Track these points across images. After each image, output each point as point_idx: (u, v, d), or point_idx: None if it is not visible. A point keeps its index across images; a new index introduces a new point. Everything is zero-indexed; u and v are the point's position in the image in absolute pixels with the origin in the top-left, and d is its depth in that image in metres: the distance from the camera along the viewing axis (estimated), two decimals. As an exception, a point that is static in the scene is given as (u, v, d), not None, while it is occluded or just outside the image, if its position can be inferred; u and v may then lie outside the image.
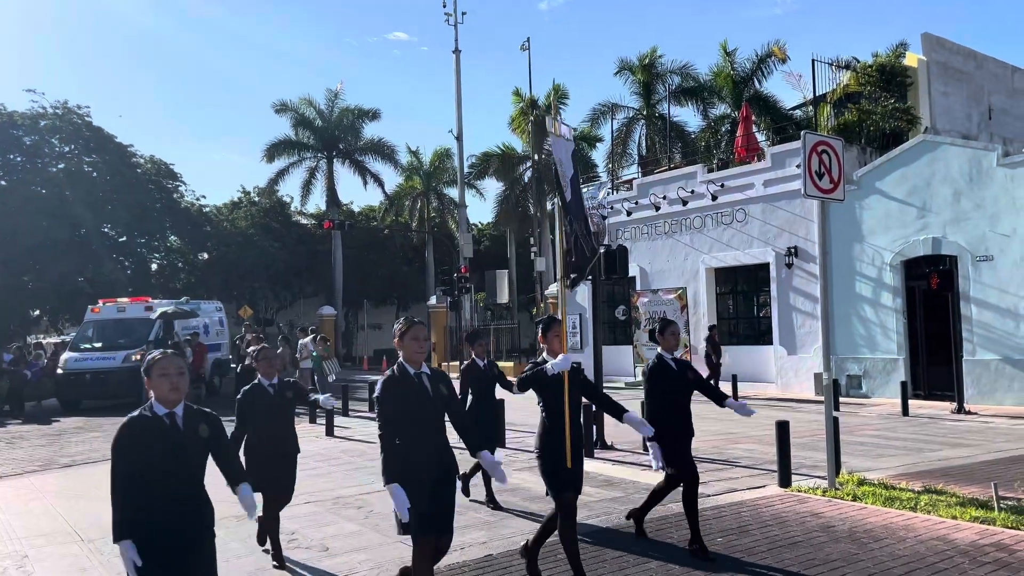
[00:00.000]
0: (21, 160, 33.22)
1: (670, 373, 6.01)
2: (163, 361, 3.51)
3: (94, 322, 22.46)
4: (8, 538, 7.20)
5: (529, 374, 5.05)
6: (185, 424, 3.50)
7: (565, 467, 4.98)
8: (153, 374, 3.49)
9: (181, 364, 3.55)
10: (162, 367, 3.49)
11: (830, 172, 8.33)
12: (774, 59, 26.16)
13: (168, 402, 3.48)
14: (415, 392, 4.26)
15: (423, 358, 4.36)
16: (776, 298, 19.57)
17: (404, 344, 4.32)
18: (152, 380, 3.49)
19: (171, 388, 3.48)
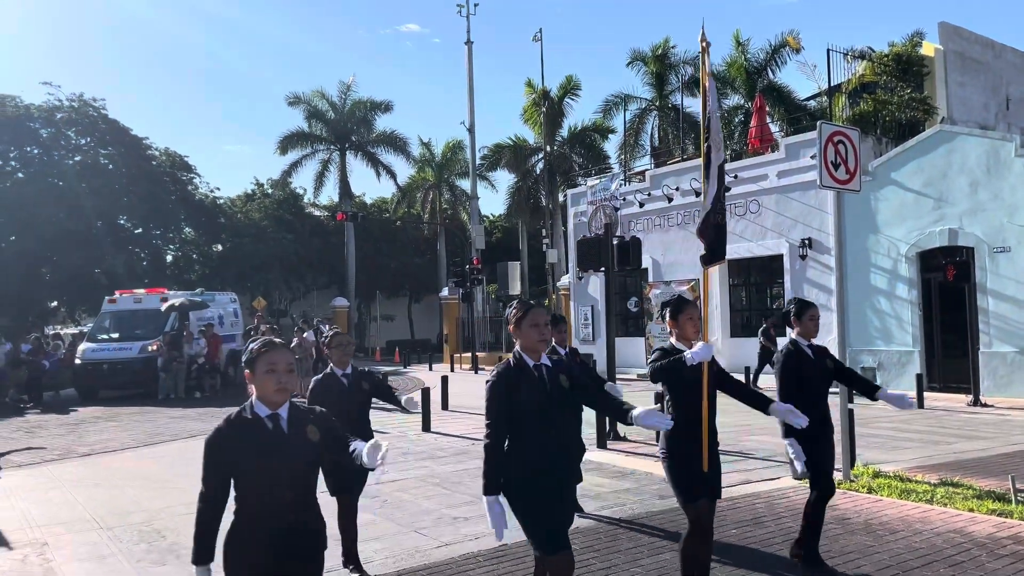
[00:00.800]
0: (38, 152, 33.52)
1: (808, 361, 5.24)
2: (270, 354, 2.95)
3: (111, 313, 22.69)
4: (28, 526, 7.30)
5: (664, 364, 4.31)
6: (291, 427, 2.95)
7: (701, 472, 4.35)
8: (257, 369, 2.94)
9: (291, 358, 3.01)
10: (269, 361, 2.93)
11: (846, 163, 8.28)
12: (788, 49, 25.98)
13: (273, 403, 2.94)
14: (535, 387, 3.68)
15: (545, 347, 3.79)
16: (790, 290, 19.48)
17: (522, 331, 3.73)
18: (255, 376, 2.96)
19: (278, 388, 2.92)
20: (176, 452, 11.62)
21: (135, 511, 7.72)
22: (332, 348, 5.66)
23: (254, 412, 2.94)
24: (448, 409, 15.42)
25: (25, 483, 9.56)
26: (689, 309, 4.59)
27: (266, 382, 2.92)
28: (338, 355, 5.63)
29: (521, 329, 3.75)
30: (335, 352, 5.64)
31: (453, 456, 10.28)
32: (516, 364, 3.74)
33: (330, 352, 5.65)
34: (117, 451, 11.88)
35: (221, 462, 2.90)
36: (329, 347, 5.67)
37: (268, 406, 2.95)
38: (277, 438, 2.91)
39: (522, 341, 3.75)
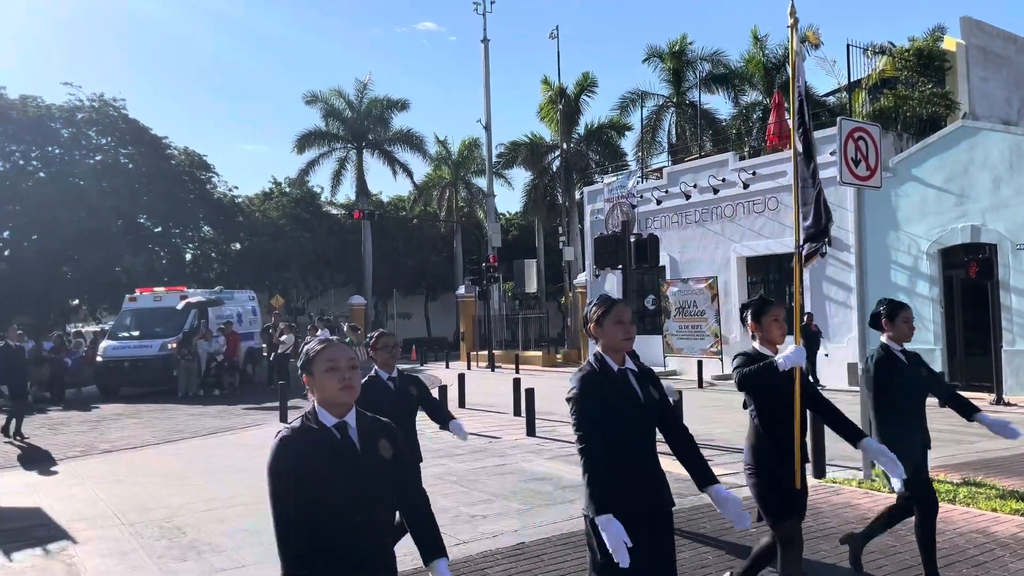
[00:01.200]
0: (59, 152, 33.89)
1: (903, 368, 4.75)
2: (329, 351, 2.56)
3: (131, 311, 22.92)
4: (51, 522, 7.38)
5: (753, 369, 3.89)
6: (362, 439, 2.53)
7: (791, 488, 3.97)
8: (316, 369, 2.54)
9: (352, 354, 2.62)
10: (328, 358, 2.54)
11: (867, 159, 8.20)
12: (807, 44, 25.76)
13: (339, 405, 2.53)
14: (620, 394, 3.23)
15: (630, 347, 3.35)
16: (809, 287, 19.34)
17: (604, 330, 3.30)
18: (315, 378, 2.54)
19: (343, 385, 2.51)
20: (195, 449, 11.71)
21: (156, 507, 7.79)
22: (378, 349, 5.24)
23: (319, 421, 2.51)
24: (465, 407, 15.45)
25: (47, 479, 9.67)
26: (774, 310, 4.18)
27: (327, 381, 2.51)
28: (384, 357, 5.21)
29: (603, 327, 3.32)
30: (381, 354, 5.23)
31: (470, 454, 10.29)
32: (600, 368, 3.27)
33: (375, 354, 5.25)
34: (138, 448, 12.00)
35: (287, 477, 2.42)
36: (374, 348, 5.25)
37: (333, 412, 2.53)
38: (347, 452, 2.48)
39: (604, 341, 3.32)
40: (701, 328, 21.13)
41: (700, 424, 12.08)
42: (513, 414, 13.90)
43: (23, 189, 32.19)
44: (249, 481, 8.97)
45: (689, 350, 21.34)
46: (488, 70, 34.11)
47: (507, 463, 9.56)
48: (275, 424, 14.05)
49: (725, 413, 13.54)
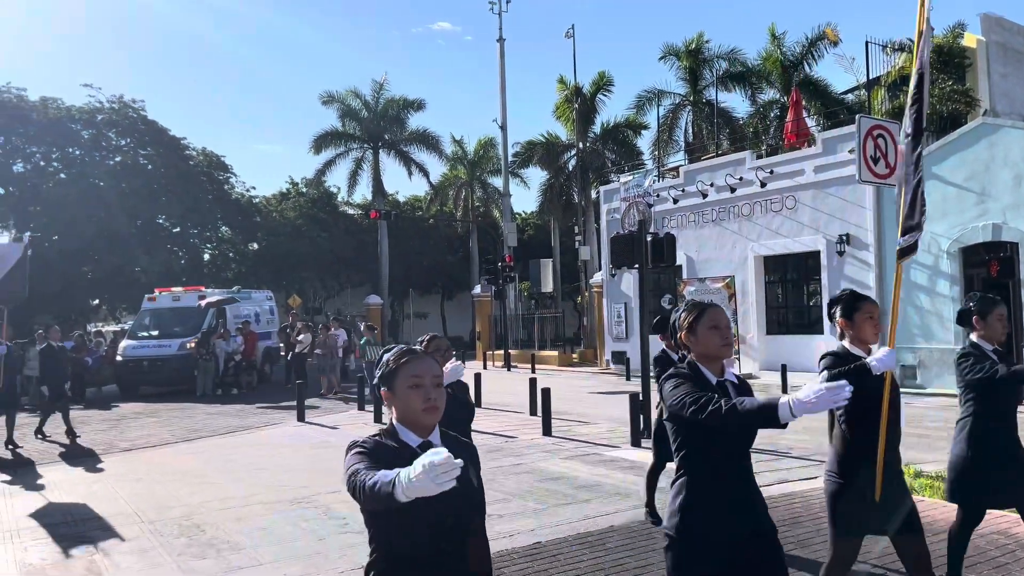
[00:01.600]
0: (79, 153, 34.25)
1: None
2: (413, 365, 2.31)
3: (150, 311, 23.12)
4: (72, 519, 7.46)
5: (846, 371, 3.51)
6: None
7: (872, 501, 3.65)
8: (398, 385, 2.30)
9: (438, 370, 2.35)
10: (412, 374, 2.29)
11: (886, 157, 8.14)
12: (825, 42, 25.57)
13: (422, 426, 2.29)
14: None
15: (730, 353, 3.05)
16: (827, 286, 19.18)
17: (697, 336, 2.99)
18: (396, 393, 2.31)
19: (427, 406, 2.27)
20: (214, 448, 11.80)
21: (175, 505, 7.86)
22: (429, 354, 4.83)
23: (399, 440, 2.26)
24: (481, 406, 15.46)
25: (69, 477, 9.78)
26: (867, 306, 3.82)
27: (411, 399, 2.26)
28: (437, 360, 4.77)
29: (696, 334, 2.99)
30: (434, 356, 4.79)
31: (487, 453, 10.29)
32: (694, 378, 2.93)
33: None
34: (157, 446, 12.10)
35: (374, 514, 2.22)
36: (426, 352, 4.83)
37: (416, 431, 2.28)
38: None
39: (699, 348, 3.00)
40: (718, 328, 21.00)
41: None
42: (529, 413, 13.90)
43: (44, 190, 32.57)
44: (267, 480, 9.03)
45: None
46: (504, 70, 34.14)
47: (523, 462, 9.56)
48: (292, 423, 14.13)
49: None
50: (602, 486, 8.04)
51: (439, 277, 44.96)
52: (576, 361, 28.46)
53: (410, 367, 2.30)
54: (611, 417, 13.26)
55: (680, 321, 3.09)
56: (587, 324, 32.50)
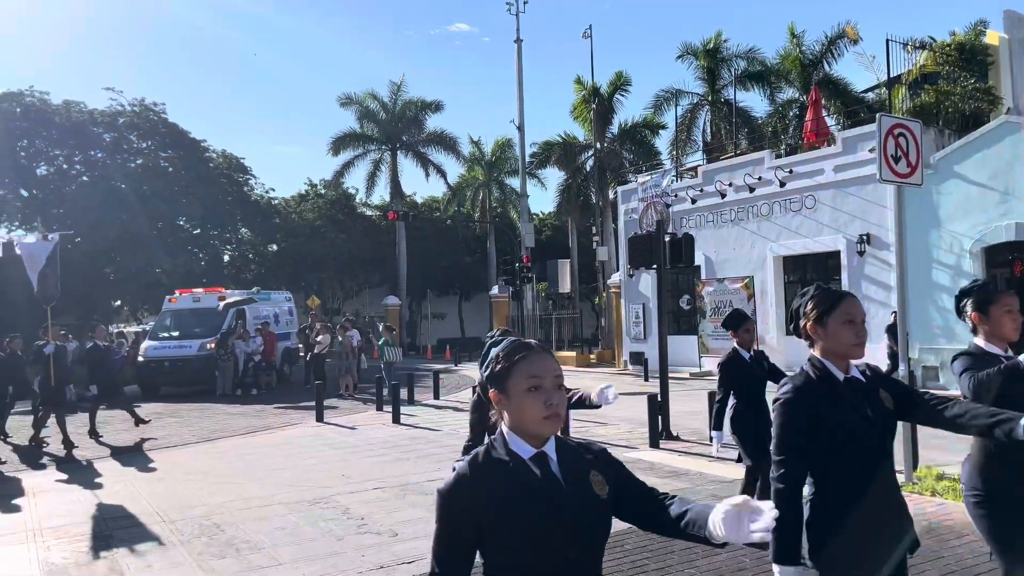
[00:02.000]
0: (102, 156, 34.67)
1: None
2: (531, 363, 1.93)
3: (171, 312, 23.34)
4: (95, 519, 7.54)
5: (992, 375, 3.10)
6: (566, 474, 1.92)
7: None
8: (512, 386, 1.92)
9: (558, 367, 1.97)
10: (530, 373, 1.91)
11: (907, 156, 8.05)
12: (845, 40, 25.36)
13: (538, 436, 1.93)
14: (850, 411, 2.56)
15: (862, 353, 2.68)
16: (847, 287, 19.01)
17: (827, 329, 2.66)
18: (511, 397, 1.92)
19: (548, 413, 1.89)
20: (234, 448, 11.89)
21: (196, 505, 7.92)
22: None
23: (510, 451, 1.92)
24: (499, 407, 15.46)
25: (91, 477, 9.89)
26: (1005, 298, 3.34)
27: (529, 405, 1.89)
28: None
29: (826, 327, 2.65)
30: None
31: (504, 454, 10.29)
32: (820, 376, 2.64)
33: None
34: (178, 446, 12.21)
35: (464, 525, 1.87)
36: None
37: (530, 441, 1.93)
38: (550, 491, 1.88)
39: (826, 343, 2.67)
40: (737, 328, 20.90)
41: (736, 425, 11.94)
42: (547, 414, 13.87)
43: (67, 193, 33.00)
44: (286, 480, 9.09)
45: (725, 351, 21.08)
46: (521, 70, 34.14)
47: (541, 463, 9.54)
48: (312, 423, 14.20)
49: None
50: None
51: (457, 278, 45.05)
52: (594, 362, 28.41)
53: (527, 365, 1.92)
54: (629, 418, 13.22)
55: (805, 309, 2.73)
56: (605, 325, 32.43)
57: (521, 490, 1.87)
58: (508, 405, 1.94)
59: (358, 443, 11.77)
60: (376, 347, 21.69)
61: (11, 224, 35.24)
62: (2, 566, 6.13)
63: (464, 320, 46.36)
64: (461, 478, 1.91)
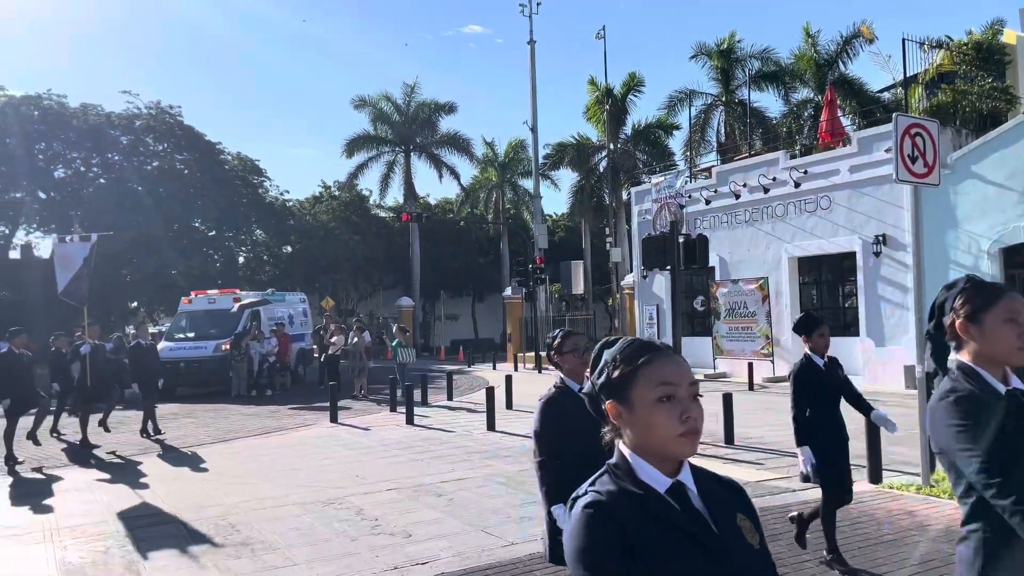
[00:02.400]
0: (118, 159, 34.97)
1: None
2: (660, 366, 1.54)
3: (187, 313, 23.50)
4: (110, 518, 7.60)
5: None
6: (713, 512, 1.54)
7: None
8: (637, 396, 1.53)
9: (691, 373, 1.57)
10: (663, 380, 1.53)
11: (924, 156, 7.98)
12: (861, 39, 25.21)
13: (672, 459, 1.54)
14: (1014, 425, 2.08)
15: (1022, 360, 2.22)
16: (863, 288, 18.89)
17: (983, 330, 2.23)
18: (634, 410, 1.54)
19: (684, 429, 1.50)
20: (248, 448, 11.94)
21: (211, 505, 7.96)
22: (564, 354, 3.69)
23: (639, 481, 1.50)
24: (512, 408, 15.46)
25: (109, 477, 9.96)
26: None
27: (658, 418, 1.49)
28: (573, 363, 3.66)
29: (981, 326, 2.22)
30: (569, 359, 3.68)
31: (518, 455, 10.28)
32: (978, 386, 2.17)
33: (562, 359, 3.69)
34: (193, 447, 12.28)
35: None
36: (560, 353, 3.71)
37: (662, 466, 1.52)
38: (696, 533, 1.48)
39: (983, 346, 2.22)
40: (752, 330, 20.82)
41: (755, 427, 11.89)
42: (560, 416, 13.84)
43: (84, 195, 33.29)
44: (300, 480, 9.12)
45: (739, 352, 21.05)
46: (534, 72, 34.14)
47: (554, 465, 9.53)
48: (326, 424, 14.24)
49: (778, 416, 13.31)
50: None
51: (470, 279, 45.11)
52: (607, 363, 28.32)
53: (655, 370, 1.53)
54: (643, 420, 13.18)
55: (955, 305, 2.29)
56: (618, 326, 32.35)
57: (666, 537, 1.45)
58: (631, 420, 1.53)
59: (372, 444, 11.80)
60: (390, 348, 21.74)
61: (29, 226, 35.61)
62: (20, 565, 6.19)
63: (477, 321, 46.39)
64: (591, 514, 1.44)
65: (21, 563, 6.22)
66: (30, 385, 11.39)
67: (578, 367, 3.61)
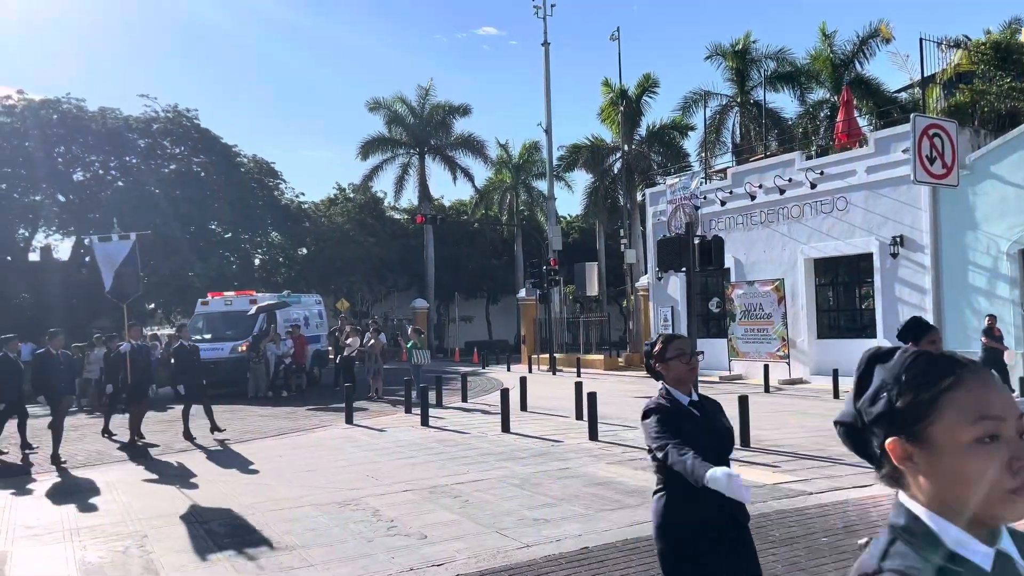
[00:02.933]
0: (136, 162, 35.28)
1: None
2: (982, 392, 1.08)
3: (204, 315, 23.65)
4: (129, 519, 7.66)
5: None
6: None
7: None
8: (942, 428, 1.08)
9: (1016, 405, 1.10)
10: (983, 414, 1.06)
11: (942, 156, 7.93)
12: (878, 39, 25.04)
13: (992, 523, 1.08)
14: None
15: None
16: (880, 289, 18.75)
17: None
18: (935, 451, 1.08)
19: (1016, 483, 1.02)
20: (265, 449, 12.00)
21: (228, 506, 8.01)
22: (668, 360, 3.35)
23: (950, 552, 1.08)
24: (527, 410, 15.46)
25: (126, 477, 10.04)
26: None
27: (975, 467, 1.06)
28: (679, 371, 3.33)
29: None
30: (675, 366, 3.33)
31: (533, 457, 10.29)
32: None
33: (664, 367, 3.35)
34: (210, 448, 12.35)
35: None
36: (663, 360, 3.36)
37: (976, 531, 1.09)
38: None
39: None
40: (767, 331, 20.71)
41: (771, 430, 11.83)
42: (575, 418, 13.85)
43: (102, 198, 33.59)
44: (316, 481, 9.16)
45: (755, 354, 20.94)
46: (548, 73, 34.14)
47: (569, 467, 9.53)
48: (341, 425, 14.29)
49: (794, 418, 13.23)
50: (650, 492, 7.95)
51: (484, 281, 45.15)
52: (622, 365, 28.27)
53: (971, 397, 1.09)
54: (658, 422, 13.14)
55: None
56: (633, 328, 32.28)
57: None
58: (930, 467, 1.10)
59: (387, 445, 11.83)
60: (404, 350, 21.79)
61: (48, 229, 35.97)
62: (40, 565, 6.25)
63: (491, 323, 46.42)
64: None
65: (41, 563, 6.28)
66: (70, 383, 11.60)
67: (685, 375, 3.36)
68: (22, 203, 33.42)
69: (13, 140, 32.22)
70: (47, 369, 11.45)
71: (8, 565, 6.21)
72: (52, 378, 11.49)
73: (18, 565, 6.22)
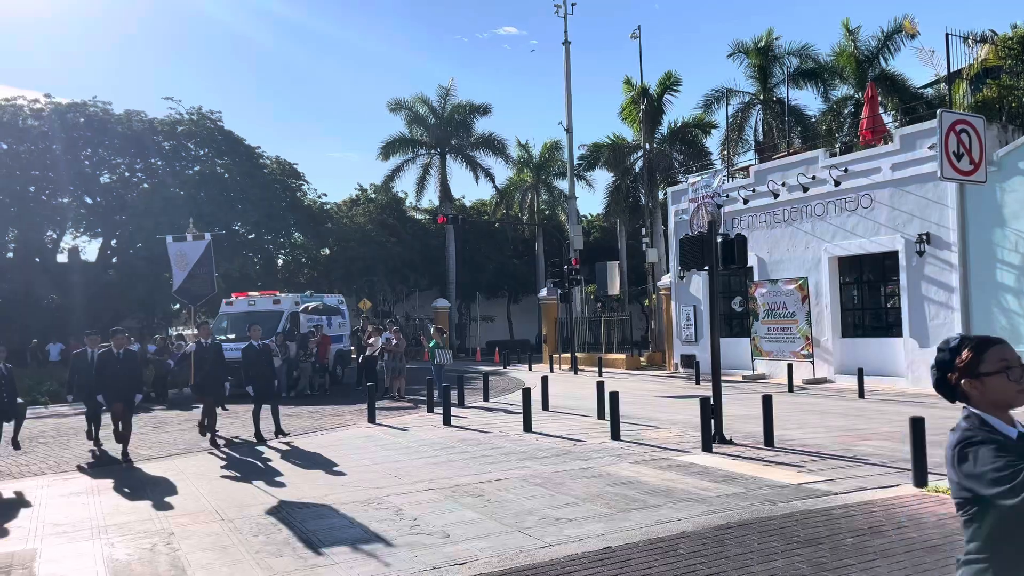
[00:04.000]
0: (161, 164, 35.71)
1: None
2: None
3: (228, 315, 23.90)
4: (155, 517, 7.75)
5: None
6: None
7: None
8: None
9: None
10: None
11: (970, 152, 7.81)
12: (903, 34, 24.74)
13: None
14: None
15: None
16: (906, 288, 18.51)
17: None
18: None
19: None
20: (288, 448, 12.08)
21: (252, 503, 8.09)
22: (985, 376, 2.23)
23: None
24: (548, 409, 15.44)
25: (152, 476, 10.16)
26: None
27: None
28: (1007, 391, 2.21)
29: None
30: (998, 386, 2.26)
31: (555, 456, 10.28)
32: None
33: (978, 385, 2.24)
34: (235, 446, 12.46)
35: None
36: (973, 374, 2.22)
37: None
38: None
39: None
40: (791, 330, 20.53)
41: (795, 429, 11.73)
42: (597, 417, 13.82)
43: (128, 199, 34.04)
44: (339, 480, 9.21)
45: (778, 353, 20.78)
46: (569, 72, 34.09)
47: (591, 466, 9.51)
48: (364, 424, 14.36)
49: (818, 418, 13.11)
50: (672, 491, 7.93)
51: (505, 280, 45.18)
52: (644, 364, 28.18)
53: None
54: (680, 421, 13.08)
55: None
56: (655, 327, 32.15)
57: None
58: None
59: (409, 444, 11.87)
60: (426, 349, 21.85)
61: (76, 230, 36.52)
62: (69, 563, 6.34)
63: (513, 322, 46.43)
64: None
65: (70, 560, 6.37)
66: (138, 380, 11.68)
67: (1013, 397, 2.19)
68: (50, 205, 33.95)
69: (41, 143, 32.75)
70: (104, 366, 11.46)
71: (37, 562, 6.30)
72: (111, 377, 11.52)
73: (47, 562, 6.32)
